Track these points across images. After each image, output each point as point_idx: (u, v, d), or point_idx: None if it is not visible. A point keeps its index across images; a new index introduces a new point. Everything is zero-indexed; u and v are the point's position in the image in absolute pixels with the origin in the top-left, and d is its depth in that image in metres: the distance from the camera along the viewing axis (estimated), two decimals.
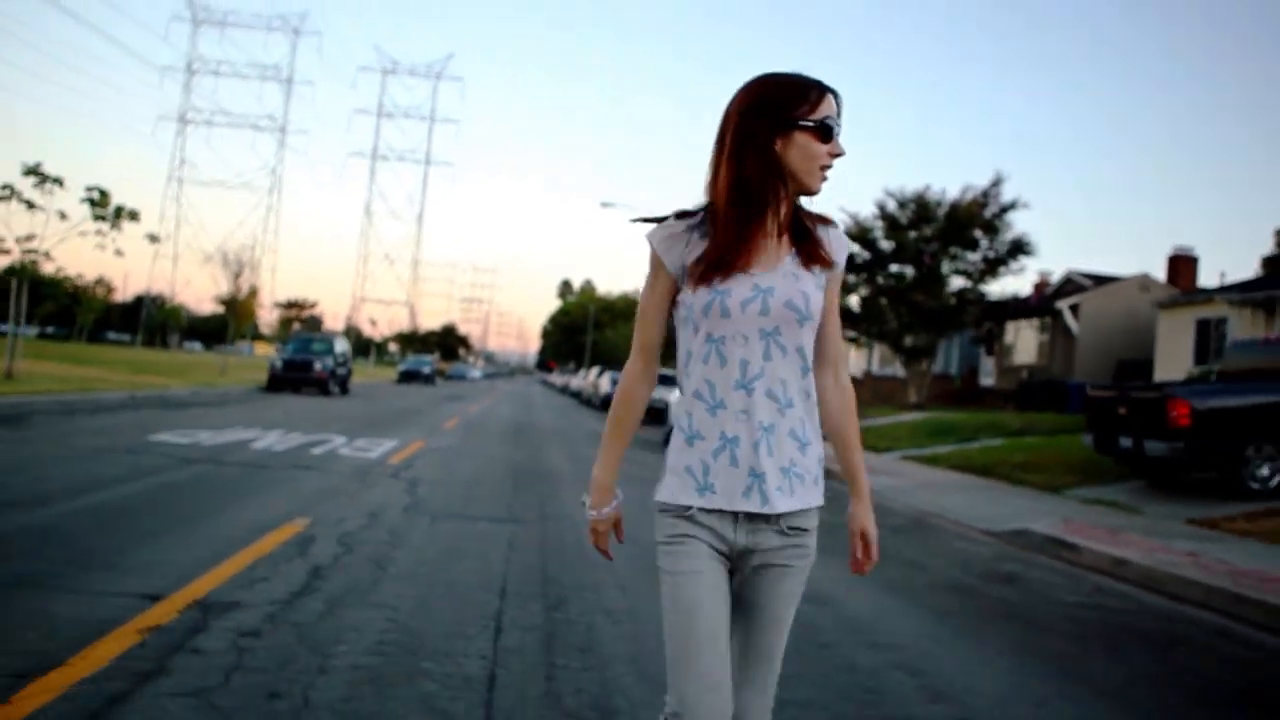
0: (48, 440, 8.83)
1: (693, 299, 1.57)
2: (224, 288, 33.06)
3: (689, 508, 1.58)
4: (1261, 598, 5.25)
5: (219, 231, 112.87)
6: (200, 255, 47.98)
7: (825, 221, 1.65)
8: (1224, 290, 19.88)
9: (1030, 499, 10.26)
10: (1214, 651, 4.43)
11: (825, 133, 1.55)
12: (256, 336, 77.11)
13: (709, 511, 1.58)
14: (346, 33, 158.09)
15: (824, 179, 1.58)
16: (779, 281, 1.57)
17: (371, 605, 3.85)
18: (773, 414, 1.56)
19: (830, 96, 1.57)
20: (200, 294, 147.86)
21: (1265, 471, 9.20)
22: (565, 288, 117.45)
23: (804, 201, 1.64)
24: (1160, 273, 26.89)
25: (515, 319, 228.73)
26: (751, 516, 1.57)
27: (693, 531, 1.58)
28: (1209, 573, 5.97)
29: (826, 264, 1.62)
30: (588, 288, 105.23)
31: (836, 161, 1.58)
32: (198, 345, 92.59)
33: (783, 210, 1.60)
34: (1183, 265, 26.18)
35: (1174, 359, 20.48)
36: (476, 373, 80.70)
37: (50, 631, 3.15)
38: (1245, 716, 3.48)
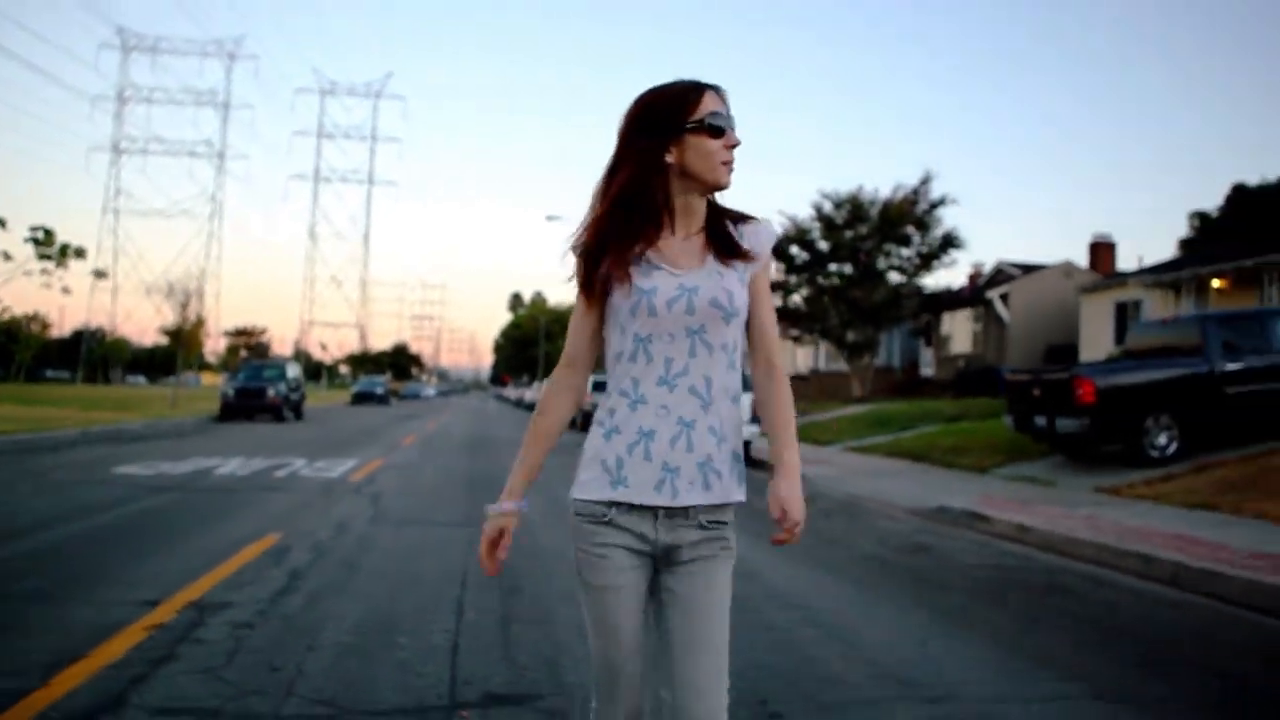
0: (17, 478, 9.08)
1: (619, 302, 1.61)
2: (169, 318, 32.74)
3: (605, 514, 1.60)
4: (1137, 549, 6.00)
5: (160, 261, 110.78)
6: (141, 286, 47.05)
7: (746, 219, 1.69)
8: (1138, 274, 21.16)
9: (957, 479, 11.04)
10: (1087, 595, 5.13)
11: (714, 129, 1.59)
12: (203, 366, 75.80)
13: (628, 512, 1.59)
14: (283, 55, 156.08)
15: (730, 171, 1.62)
16: (703, 280, 1.60)
17: (347, 598, 4.35)
18: (694, 410, 1.59)
19: (711, 93, 1.61)
20: (141, 326, 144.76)
21: (1163, 440, 10.09)
22: (516, 301, 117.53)
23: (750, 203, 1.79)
24: (1084, 259, 28.31)
25: (467, 335, 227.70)
26: (671, 512, 1.59)
27: (611, 539, 1.60)
28: (1098, 532, 6.72)
29: (747, 257, 1.65)
30: (538, 300, 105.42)
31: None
32: (141, 379, 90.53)
33: (692, 213, 1.65)
34: (1102, 251, 27.65)
35: (1097, 341, 21.70)
36: (431, 390, 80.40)
37: (67, 633, 3.61)
38: (1094, 641, 4.13)
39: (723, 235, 1.65)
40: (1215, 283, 17.71)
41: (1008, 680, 3.44)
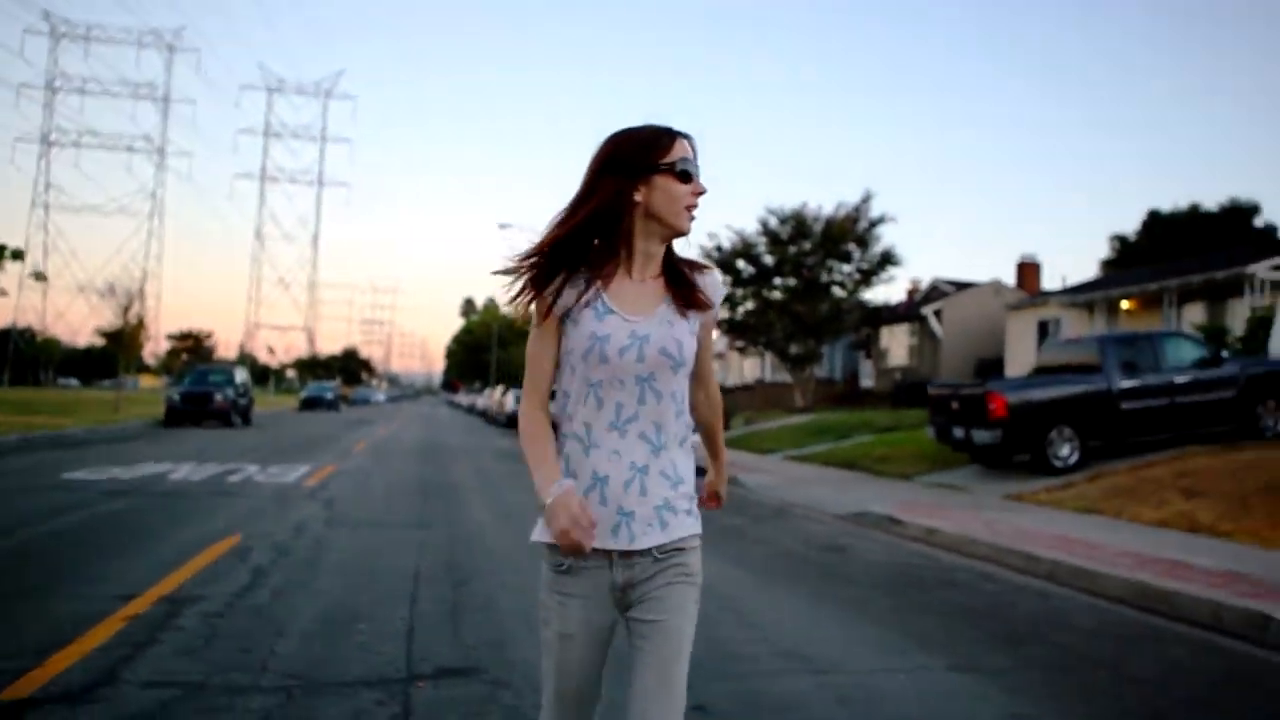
0: None
1: (573, 344, 1.64)
2: (105, 318, 32.02)
3: (562, 564, 1.63)
4: (1024, 549, 6.72)
5: (95, 259, 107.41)
6: (73, 285, 45.72)
7: (702, 268, 1.74)
8: (1059, 294, 22.44)
9: (883, 486, 11.79)
10: (972, 588, 5.81)
11: (684, 174, 1.64)
12: (142, 369, 73.86)
13: (584, 559, 1.62)
14: (226, 50, 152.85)
15: (692, 218, 1.66)
16: (655, 329, 1.64)
17: (310, 592, 4.79)
18: (646, 455, 1.63)
19: (683, 140, 1.67)
20: (74, 326, 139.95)
21: (1065, 451, 10.96)
22: (468, 306, 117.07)
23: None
24: (1012, 278, 29.70)
25: (418, 339, 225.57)
26: (626, 554, 1.62)
27: (568, 589, 1.64)
28: (996, 534, 7.45)
29: (703, 307, 1.71)
30: (491, 305, 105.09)
31: (711, 200, 1.69)
32: (74, 381, 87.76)
33: (650, 258, 1.69)
34: (1028, 271, 29.08)
35: (1022, 356, 22.88)
36: (381, 396, 79.69)
37: (51, 625, 3.99)
38: (967, 625, 4.77)
39: (685, 285, 1.70)
40: (1124, 304, 18.94)
41: (885, 656, 4.05)
